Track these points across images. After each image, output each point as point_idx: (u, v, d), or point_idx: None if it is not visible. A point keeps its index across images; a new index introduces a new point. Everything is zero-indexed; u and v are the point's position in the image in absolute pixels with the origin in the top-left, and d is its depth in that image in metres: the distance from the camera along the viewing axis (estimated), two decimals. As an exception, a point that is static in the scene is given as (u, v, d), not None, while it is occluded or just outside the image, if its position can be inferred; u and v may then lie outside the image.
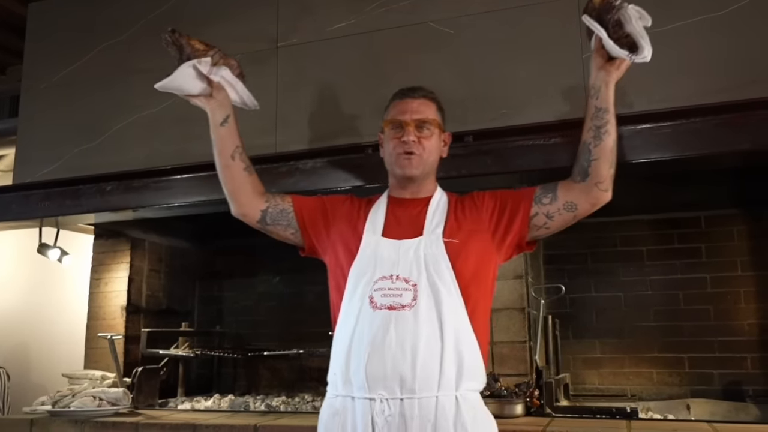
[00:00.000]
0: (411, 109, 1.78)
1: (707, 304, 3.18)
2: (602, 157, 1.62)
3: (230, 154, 1.86)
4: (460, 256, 1.64)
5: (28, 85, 3.28)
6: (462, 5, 2.51)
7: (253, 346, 3.82)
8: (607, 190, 1.65)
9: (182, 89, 1.84)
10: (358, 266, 1.68)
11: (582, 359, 3.33)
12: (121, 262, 3.71)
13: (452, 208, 1.75)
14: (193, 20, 2.95)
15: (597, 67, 1.63)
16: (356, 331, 1.60)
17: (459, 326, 1.58)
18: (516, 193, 1.75)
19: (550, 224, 1.71)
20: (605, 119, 1.62)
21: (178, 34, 1.81)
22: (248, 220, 1.91)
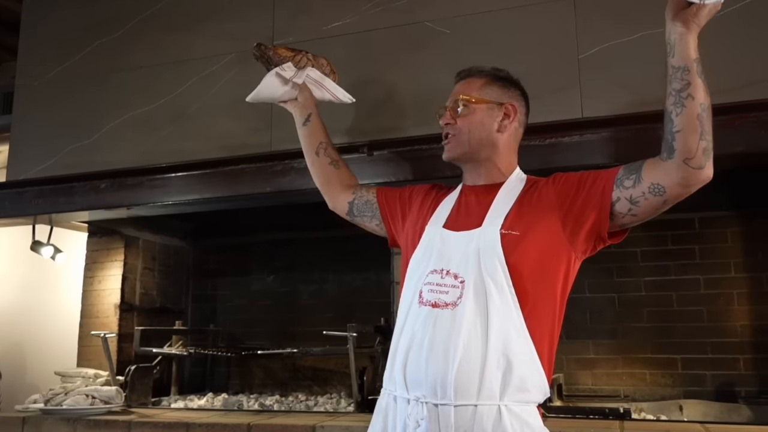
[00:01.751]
0: (453, 93, 1.71)
1: (700, 306, 3.19)
2: (688, 127, 1.33)
3: (314, 151, 1.94)
4: (518, 250, 1.46)
5: (22, 82, 3.27)
6: (458, 5, 2.51)
7: (246, 345, 3.82)
8: (701, 168, 1.35)
9: (271, 97, 1.94)
10: (416, 258, 1.60)
11: (575, 360, 3.34)
12: (115, 260, 3.70)
13: (523, 195, 1.57)
14: (188, 17, 2.95)
15: (671, 17, 1.35)
16: (405, 326, 1.52)
17: (509, 329, 1.41)
18: (595, 175, 1.50)
19: (636, 210, 1.44)
20: (686, 80, 1.33)
21: (264, 47, 1.92)
22: (339, 212, 1.95)
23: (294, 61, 1.90)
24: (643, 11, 2.25)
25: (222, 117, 2.80)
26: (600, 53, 2.27)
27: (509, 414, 1.38)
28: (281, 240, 3.84)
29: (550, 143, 2.18)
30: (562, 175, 1.58)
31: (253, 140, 2.70)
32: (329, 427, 2.37)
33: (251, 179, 2.60)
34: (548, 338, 1.48)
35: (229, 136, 2.75)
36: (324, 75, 1.97)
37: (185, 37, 2.93)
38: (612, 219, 1.47)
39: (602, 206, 1.46)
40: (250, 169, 2.60)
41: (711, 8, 1.32)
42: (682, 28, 1.33)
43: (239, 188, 2.61)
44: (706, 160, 1.36)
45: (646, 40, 2.22)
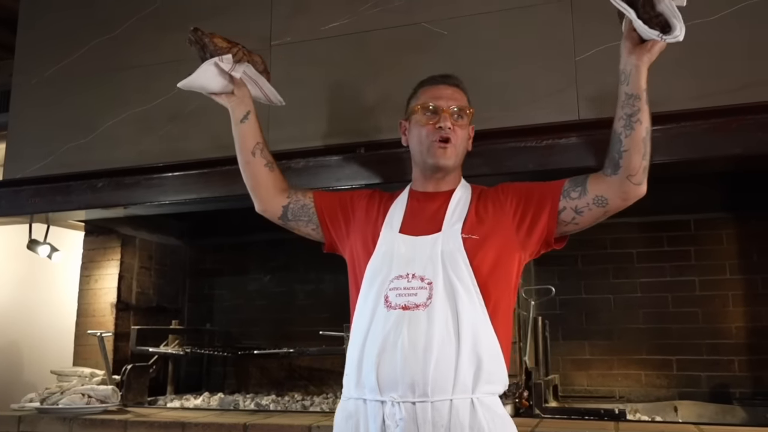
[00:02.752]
0: (446, 96, 1.73)
1: (695, 307, 3.21)
2: (634, 148, 1.50)
3: (251, 151, 1.86)
4: (480, 253, 1.57)
5: (19, 80, 3.26)
6: (456, 7, 2.51)
7: (243, 344, 3.82)
8: (640, 184, 1.54)
9: (204, 88, 1.85)
10: (374, 264, 1.64)
11: (571, 361, 3.35)
12: (112, 259, 3.70)
13: (474, 202, 1.68)
14: (185, 17, 2.94)
15: (627, 51, 1.50)
16: (370, 331, 1.56)
17: (477, 326, 1.51)
18: (543, 186, 1.66)
19: (579, 219, 1.62)
20: (636, 106, 1.50)
21: (201, 33, 1.82)
22: (270, 216, 1.90)
23: (232, 53, 1.82)
24: (640, 14, 2.26)
25: (219, 116, 2.77)
26: (597, 55, 2.27)
27: (481, 405, 1.48)
28: (278, 240, 3.81)
29: (546, 144, 2.18)
30: (510, 185, 1.72)
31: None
32: (325, 427, 2.38)
33: (248, 179, 2.59)
34: (508, 333, 1.61)
35: (226, 136, 2.71)
36: (258, 73, 1.91)
37: (183, 36, 2.90)
38: (557, 227, 1.63)
39: (551, 214, 1.61)
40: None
41: (662, 45, 1.47)
42: (637, 61, 1.49)
43: (236, 188, 2.58)
44: (644, 178, 1.55)
45: (643, 43, 2.22)
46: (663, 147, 2.08)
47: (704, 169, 2.38)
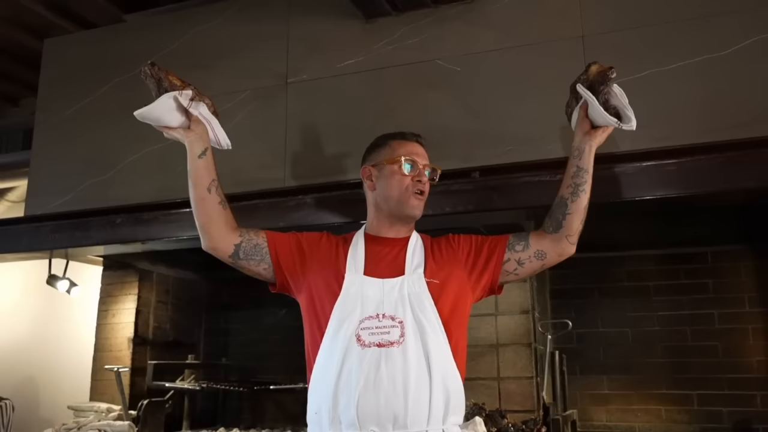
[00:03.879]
0: (421, 154, 1.85)
1: (715, 341, 3.17)
2: (576, 213, 1.74)
3: (206, 187, 1.85)
4: (442, 295, 1.70)
5: (42, 119, 3.33)
6: (469, 44, 2.55)
7: (258, 378, 3.81)
8: (574, 244, 1.77)
9: (160, 120, 1.85)
10: (342, 305, 1.69)
11: (589, 395, 3.31)
12: (129, 293, 3.73)
13: (429, 250, 1.81)
14: (204, 56, 3.01)
15: (583, 132, 1.76)
16: (344, 368, 1.61)
17: (445, 362, 1.63)
18: (491, 238, 1.83)
19: (519, 270, 1.79)
20: (584, 179, 1.74)
21: (158, 68, 1.83)
22: (220, 255, 1.89)
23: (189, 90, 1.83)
24: (650, 50, 2.29)
25: (236, 153, 2.81)
26: (609, 90, 2.29)
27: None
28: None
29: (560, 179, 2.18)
30: (462, 235, 1.86)
31: (266, 176, 2.74)
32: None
33: (265, 214, 2.62)
34: (465, 369, 1.71)
35: (243, 172, 2.78)
36: (211, 114, 1.91)
37: (201, 74, 2.98)
38: (501, 275, 1.79)
39: (497, 264, 1.78)
40: (264, 204, 2.63)
41: (610, 130, 1.75)
42: (590, 142, 1.76)
43: (252, 223, 2.60)
44: (577, 239, 1.77)
45: (654, 78, 2.25)
46: (677, 180, 2.09)
47: (719, 202, 2.37)
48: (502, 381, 2.79)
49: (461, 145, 2.42)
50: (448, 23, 2.60)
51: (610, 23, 2.37)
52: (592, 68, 1.73)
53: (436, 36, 2.61)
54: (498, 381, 2.82)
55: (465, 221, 2.47)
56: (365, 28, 2.72)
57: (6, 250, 3.19)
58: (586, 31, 2.39)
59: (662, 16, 2.31)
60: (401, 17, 2.67)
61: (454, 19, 2.60)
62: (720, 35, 2.21)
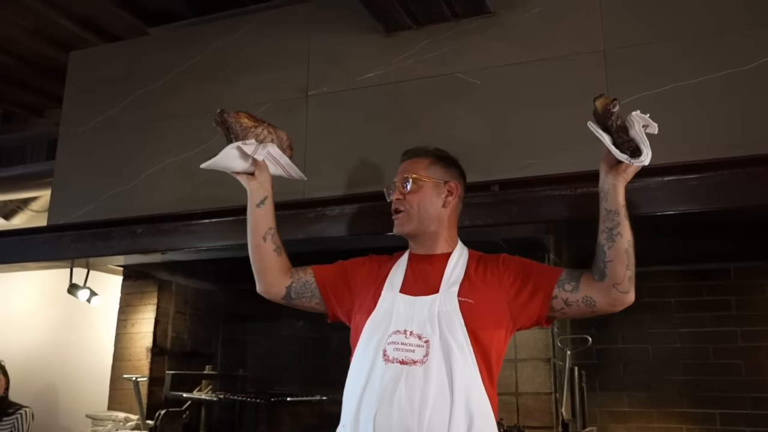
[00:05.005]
0: (401, 170, 1.88)
1: (738, 359, 3.12)
2: (617, 259, 1.60)
3: (262, 236, 1.90)
4: (475, 316, 1.64)
5: (66, 130, 3.38)
6: (489, 57, 2.55)
7: (275, 390, 3.81)
8: (627, 292, 1.62)
9: (227, 168, 1.91)
10: (375, 319, 1.71)
11: (609, 412, 3.27)
12: (148, 303, 3.76)
13: (471, 268, 1.76)
14: (225, 69, 3.04)
15: (605, 171, 1.66)
16: (368, 383, 1.62)
17: (470, 385, 1.58)
18: (542, 269, 1.76)
19: (566, 311, 1.69)
20: (616, 221, 1.61)
21: (227, 114, 1.86)
22: (272, 297, 1.94)
23: (255, 133, 1.88)
24: (673, 64, 2.27)
25: (256, 165, 2.85)
26: (630, 105, 2.26)
27: None
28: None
29: (581, 193, 2.17)
30: (512, 258, 1.78)
31: (286, 187, 2.73)
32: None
33: (284, 226, 2.58)
34: (496, 395, 1.65)
35: (263, 184, 2.80)
36: (282, 150, 1.95)
37: (223, 87, 3.02)
38: (548, 312, 1.70)
39: (544, 300, 1.68)
40: (283, 216, 2.60)
41: (636, 166, 1.61)
42: (614, 180, 1.63)
43: (272, 234, 2.64)
44: (631, 287, 1.62)
45: (676, 93, 2.23)
46: (699, 196, 2.07)
47: (742, 217, 2.34)
48: (521, 396, 2.76)
49: (480, 159, 2.41)
50: (468, 37, 2.61)
51: (631, 37, 2.36)
52: (597, 104, 1.62)
53: (457, 49, 2.61)
54: (516, 396, 2.79)
55: (484, 235, 2.46)
56: (385, 41, 2.74)
57: (28, 259, 3.22)
58: (608, 45, 2.38)
59: (685, 30, 2.30)
60: (421, 31, 2.68)
61: (475, 32, 2.60)
62: (743, 50, 2.19)
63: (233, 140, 1.86)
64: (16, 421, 3.65)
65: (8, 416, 3.66)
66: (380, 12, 2.61)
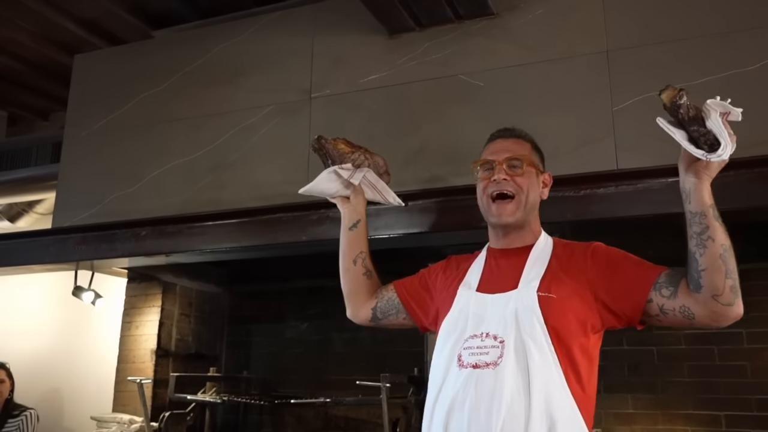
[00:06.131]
0: (502, 149, 1.67)
1: (744, 361, 3.10)
2: (712, 267, 1.39)
3: (353, 259, 1.86)
4: (556, 312, 1.48)
5: (71, 132, 3.39)
6: (492, 59, 2.55)
7: (279, 392, 3.81)
8: (731, 304, 1.40)
9: (324, 192, 1.92)
10: (449, 322, 1.60)
11: (614, 414, 3.25)
12: (153, 305, 3.76)
13: (555, 258, 1.60)
14: (229, 71, 3.05)
15: (684, 169, 1.44)
16: (443, 389, 1.52)
17: (551, 387, 1.42)
18: (638, 267, 1.54)
19: (662, 318, 1.49)
20: (704, 224, 1.40)
21: (324, 140, 1.89)
22: (361, 321, 1.88)
23: (351, 159, 1.89)
24: (677, 64, 2.27)
25: (260, 167, 2.86)
26: (634, 105, 2.28)
27: None
28: (316, 287, 3.86)
29: (584, 194, 2.17)
30: (603, 250, 1.59)
31: (289, 190, 2.74)
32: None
33: (287, 228, 2.63)
34: (588, 396, 1.48)
35: (266, 186, 2.81)
36: (379, 175, 1.95)
37: (226, 89, 3.03)
38: (641, 316, 1.52)
39: (636, 302, 1.49)
40: (287, 218, 2.64)
41: (722, 161, 1.38)
42: (694, 178, 1.41)
43: (276, 236, 2.65)
44: (735, 297, 1.40)
45: (681, 93, 2.22)
46: (705, 197, 2.06)
47: (748, 218, 2.33)
48: (525, 398, 2.75)
49: (484, 160, 2.41)
50: (471, 38, 2.61)
51: (635, 38, 2.36)
52: (663, 98, 1.40)
53: (460, 51, 2.61)
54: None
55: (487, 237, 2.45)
56: (389, 43, 2.74)
57: (33, 261, 3.23)
58: (611, 46, 2.38)
59: (688, 30, 2.29)
60: (425, 33, 2.68)
61: (478, 34, 2.60)
62: (747, 50, 2.18)
63: (330, 165, 1.88)
64: (21, 422, 3.66)
65: (13, 418, 3.67)
66: (383, 14, 2.61)
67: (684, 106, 1.38)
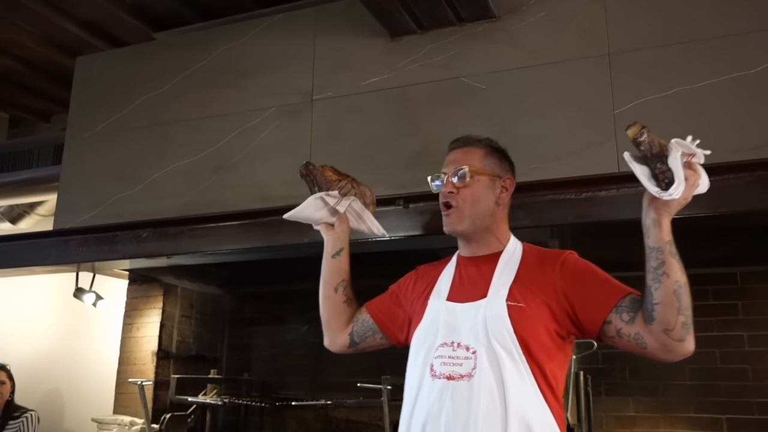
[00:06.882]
0: (452, 161, 1.70)
1: (745, 364, 3.10)
2: (665, 302, 1.39)
3: (334, 287, 1.87)
4: (524, 321, 1.48)
5: (72, 134, 3.40)
6: (494, 62, 2.55)
7: (280, 394, 3.81)
8: (681, 340, 1.39)
9: (308, 219, 1.90)
10: (421, 331, 1.61)
11: (615, 417, 3.25)
12: (154, 307, 3.76)
13: (525, 267, 1.60)
14: (231, 73, 3.05)
15: (646, 203, 1.45)
16: (418, 400, 1.53)
17: (526, 396, 1.43)
18: (604, 285, 1.53)
19: (617, 341, 1.49)
20: (660, 259, 1.41)
21: (312, 166, 1.89)
22: (339, 349, 1.88)
23: (338, 186, 1.89)
24: (678, 68, 2.27)
25: (261, 169, 2.87)
26: (635, 108, 2.28)
27: None
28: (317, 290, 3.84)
29: (586, 197, 2.17)
30: (574, 261, 1.59)
31: (291, 191, 2.74)
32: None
33: (289, 230, 2.61)
34: (559, 403, 1.50)
35: (267, 188, 2.81)
36: (365, 205, 1.95)
37: (228, 91, 3.03)
38: (598, 334, 1.51)
39: (595, 320, 1.49)
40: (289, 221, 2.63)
41: (681, 200, 1.41)
42: (654, 214, 1.42)
43: (277, 239, 2.65)
44: (686, 334, 1.40)
45: (682, 96, 2.23)
46: (706, 200, 2.04)
47: (749, 221, 2.33)
48: (526, 401, 2.75)
49: (486, 163, 2.41)
50: (473, 41, 2.61)
51: (636, 41, 2.36)
52: (628, 133, 1.44)
53: (461, 54, 2.61)
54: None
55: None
56: (390, 46, 2.74)
57: (35, 263, 3.24)
58: (613, 49, 2.38)
59: (690, 33, 2.29)
60: (426, 35, 2.68)
61: (479, 37, 2.60)
62: (749, 53, 2.19)
63: (317, 191, 1.88)
64: (22, 424, 3.66)
65: (14, 419, 3.67)
66: (385, 16, 2.61)
67: (645, 143, 1.41)
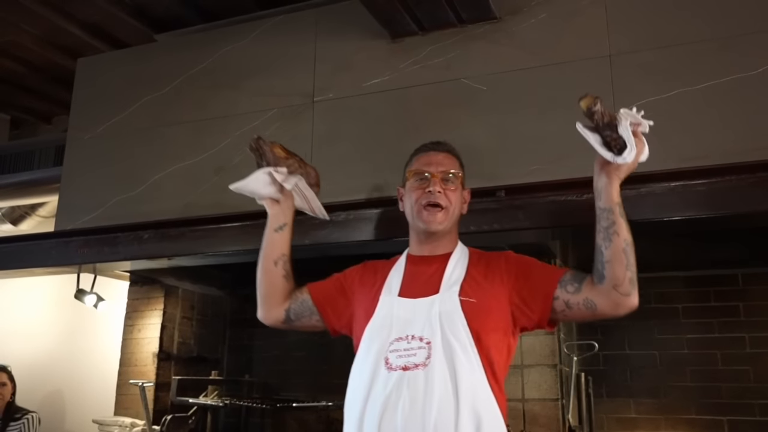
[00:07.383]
0: (436, 161, 1.79)
1: (746, 365, 3.10)
2: (614, 259, 1.55)
3: (274, 260, 1.90)
4: (477, 315, 1.60)
5: (73, 136, 3.39)
6: (495, 63, 2.55)
7: (281, 396, 3.81)
8: (628, 294, 1.56)
9: (254, 193, 1.94)
10: (373, 326, 1.67)
11: (616, 419, 3.25)
12: (155, 308, 3.76)
13: (472, 266, 1.72)
14: (232, 75, 3.05)
15: (598, 169, 1.63)
16: (371, 392, 1.58)
17: (476, 385, 1.53)
18: (544, 269, 1.71)
19: (567, 313, 1.64)
20: (611, 219, 1.58)
21: (263, 141, 1.92)
22: (272, 322, 1.93)
23: (287, 164, 1.92)
24: (679, 69, 2.27)
25: (263, 170, 2.86)
26: (637, 110, 2.27)
27: None
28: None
29: (587, 198, 2.15)
30: (514, 257, 1.74)
31: (292, 193, 2.75)
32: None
33: (290, 231, 2.63)
34: (504, 397, 1.60)
35: (269, 189, 2.80)
36: (310, 185, 1.99)
37: (229, 93, 3.03)
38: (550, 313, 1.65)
39: (545, 300, 1.64)
40: (290, 221, 2.64)
41: (630, 165, 1.58)
42: (606, 178, 1.60)
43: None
44: (632, 289, 1.56)
45: (682, 98, 2.23)
46: (707, 201, 2.06)
47: (750, 223, 2.33)
48: (527, 402, 2.75)
49: (486, 164, 2.41)
50: (474, 42, 2.61)
51: (638, 42, 2.36)
52: (582, 103, 1.59)
53: (462, 55, 2.62)
54: (522, 402, 2.79)
55: (490, 240, 2.45)
56: (391, 47, 2.74)
57: (35, 265, 3.23)
58: (614, 51, 2.38)
59: (691, 35, 2.29)
60: (427, 37, 2.68)
61: (480, 38, 2.60)
62: (751, 54, 2.18)
63: (264, 166, 1.90)
64: (23, 426, 3.66)
65: (15, 421, 3.67)
66: (386, 18, 2.61)
67: (598, 113, 1.55)
